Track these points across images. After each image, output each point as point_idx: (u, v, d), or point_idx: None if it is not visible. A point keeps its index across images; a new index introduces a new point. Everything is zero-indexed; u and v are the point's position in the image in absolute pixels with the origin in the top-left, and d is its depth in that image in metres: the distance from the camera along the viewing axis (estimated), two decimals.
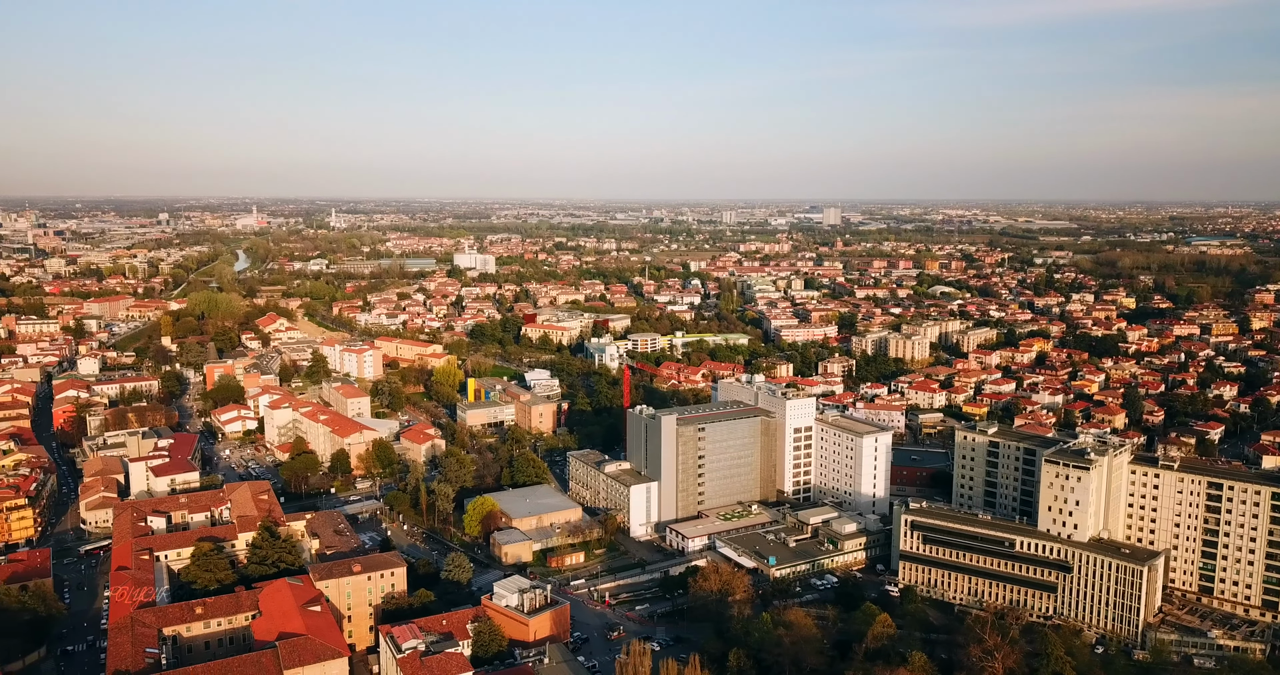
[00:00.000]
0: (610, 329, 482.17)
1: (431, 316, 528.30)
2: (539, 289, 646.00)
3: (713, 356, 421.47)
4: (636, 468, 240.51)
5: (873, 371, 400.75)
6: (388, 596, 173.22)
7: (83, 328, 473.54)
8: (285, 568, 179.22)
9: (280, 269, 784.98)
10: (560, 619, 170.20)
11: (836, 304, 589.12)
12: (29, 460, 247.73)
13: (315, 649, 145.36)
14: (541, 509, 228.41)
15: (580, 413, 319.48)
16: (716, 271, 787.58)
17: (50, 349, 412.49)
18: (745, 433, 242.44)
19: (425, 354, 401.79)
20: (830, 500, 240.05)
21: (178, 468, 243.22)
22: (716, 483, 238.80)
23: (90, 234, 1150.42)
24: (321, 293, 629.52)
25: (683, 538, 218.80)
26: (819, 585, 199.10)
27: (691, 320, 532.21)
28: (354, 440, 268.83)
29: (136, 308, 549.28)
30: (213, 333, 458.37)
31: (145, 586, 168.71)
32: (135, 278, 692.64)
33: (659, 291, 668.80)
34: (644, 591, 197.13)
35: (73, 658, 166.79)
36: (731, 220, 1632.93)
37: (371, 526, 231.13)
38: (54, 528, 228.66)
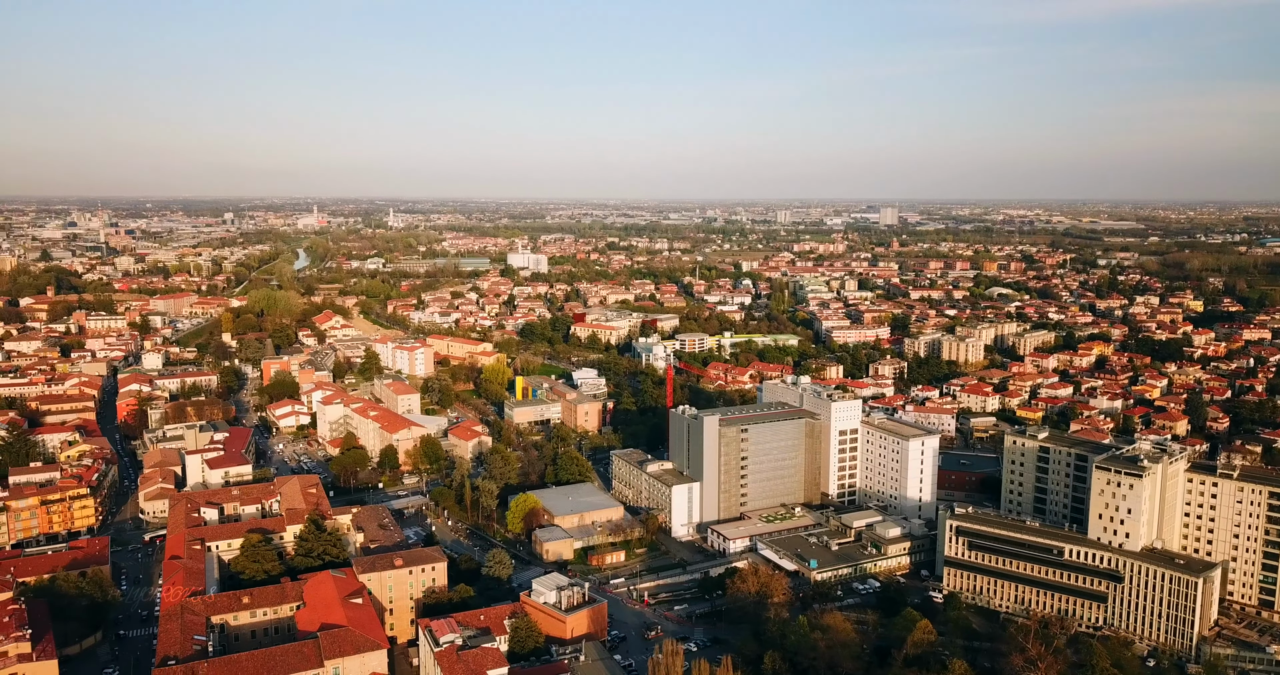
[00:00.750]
0: (658, 329, 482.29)
1: (484, 315, 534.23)
2: (589, 288, 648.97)
3: (761, 357, 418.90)
4: (679, 468, 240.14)
5: (924, 374, 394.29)
6: (428, 591, 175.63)
7: (148, 324, 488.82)
8: (330, 560, 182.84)
9: (338, 267, 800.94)
10: (597, 617, 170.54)
11: (890, 305, 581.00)
12: (92, 451, 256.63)
13: (355, 640, 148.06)
14: (583, 507, 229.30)
15: (625, 412, 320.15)
16: (769, 271, 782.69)
17: (117, 344, 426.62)
18: (789, 434, 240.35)
19: (475, 352, 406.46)
20: (875, 504, 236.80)
21: (231, 461, 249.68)
22: (759, 484, 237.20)
23: (159, 233, 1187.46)
24: (377, 291, 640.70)
25: (724, 539, 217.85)
26: (861, 590, 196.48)
27: (741, 321, 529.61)
28: (402, 436, 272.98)
29: (200, 304, 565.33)
30: (271, 329, 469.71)
31: (196, 576, 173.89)
32: (199, 275, 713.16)
33: (709, 291, 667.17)
34: (683, 592, 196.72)
35: (127, 643, 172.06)
36: (786, 220, 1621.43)
37: (417, 521, 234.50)
38: (114, 517, 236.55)
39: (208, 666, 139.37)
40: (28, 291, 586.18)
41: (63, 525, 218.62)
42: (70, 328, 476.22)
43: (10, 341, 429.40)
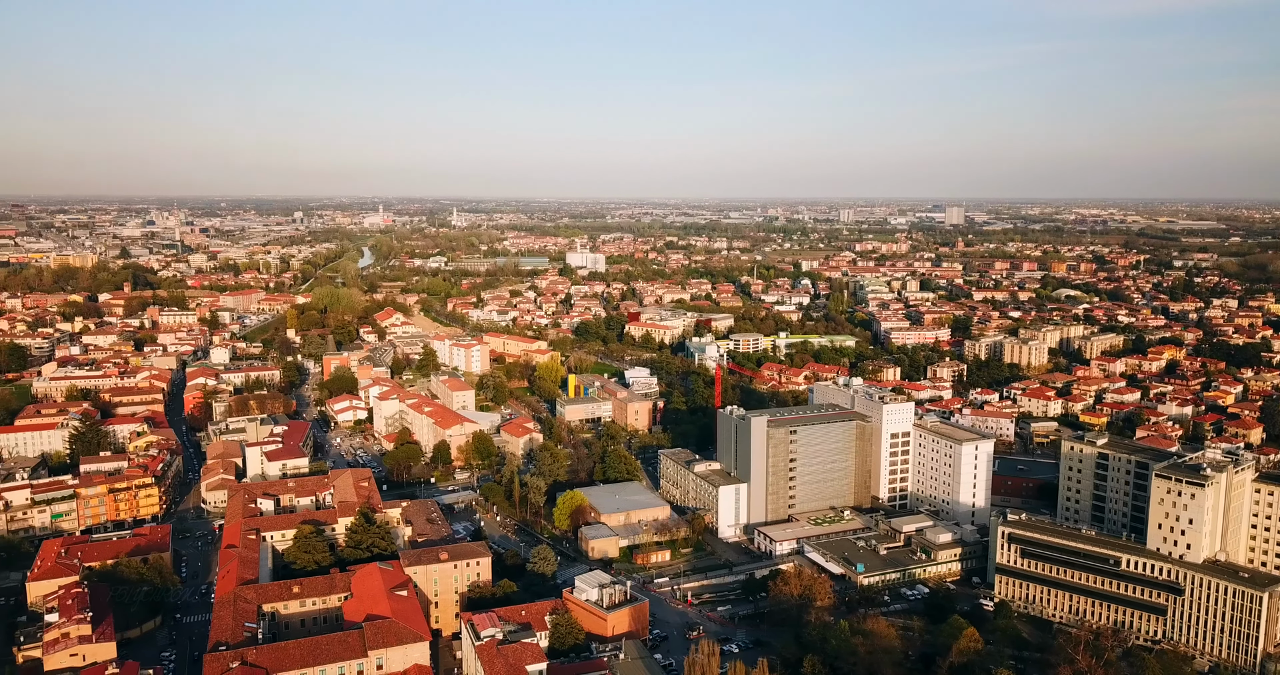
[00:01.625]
0: (713, 328, 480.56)
1: (540, 313, 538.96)
2: (645, 287, 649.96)
3: (817, 358, 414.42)
4: (726, 468, 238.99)
5: (984, 377, 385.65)
6: (472, 585, 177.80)
7: (217, 319, 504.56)
8: (378, 553, 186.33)
9: (401, 265, 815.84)
10: (639, 616, 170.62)
11: (951, 306, 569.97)
12: (159, 442, 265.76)
13: (398, 632, 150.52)
14: (630, 506, 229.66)
15: (675, 411, 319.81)
16: (828, 271, 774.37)
17: (187, 339, 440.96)
18: (839, 436, 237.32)
19: (530, 350, 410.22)
20: (927, 508, 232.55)
21: (289, 453, 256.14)
22: (808, 486, 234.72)
23: (231, 231, 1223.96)
24: (438, 289, 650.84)
25: (770, 540, 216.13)
26: (909, 595, 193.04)
27: (798, 321, 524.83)
28: (455, 432, 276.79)
29: (267, 301, 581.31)
30: (333, 326, 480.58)
31: (250, 565, 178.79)
32: (268, 273, 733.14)
33: (767, 291, 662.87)
34: (727, 593, 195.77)
35: (185, 628, 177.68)
36: (849, 219, 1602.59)
37: (466, 516, 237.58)
38: (178, 506, 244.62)
39: (256, 653, 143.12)
40: (106, 287, 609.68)
41: (129, 513, 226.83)
42: (144, 323, 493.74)
43: (88, 335, 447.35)
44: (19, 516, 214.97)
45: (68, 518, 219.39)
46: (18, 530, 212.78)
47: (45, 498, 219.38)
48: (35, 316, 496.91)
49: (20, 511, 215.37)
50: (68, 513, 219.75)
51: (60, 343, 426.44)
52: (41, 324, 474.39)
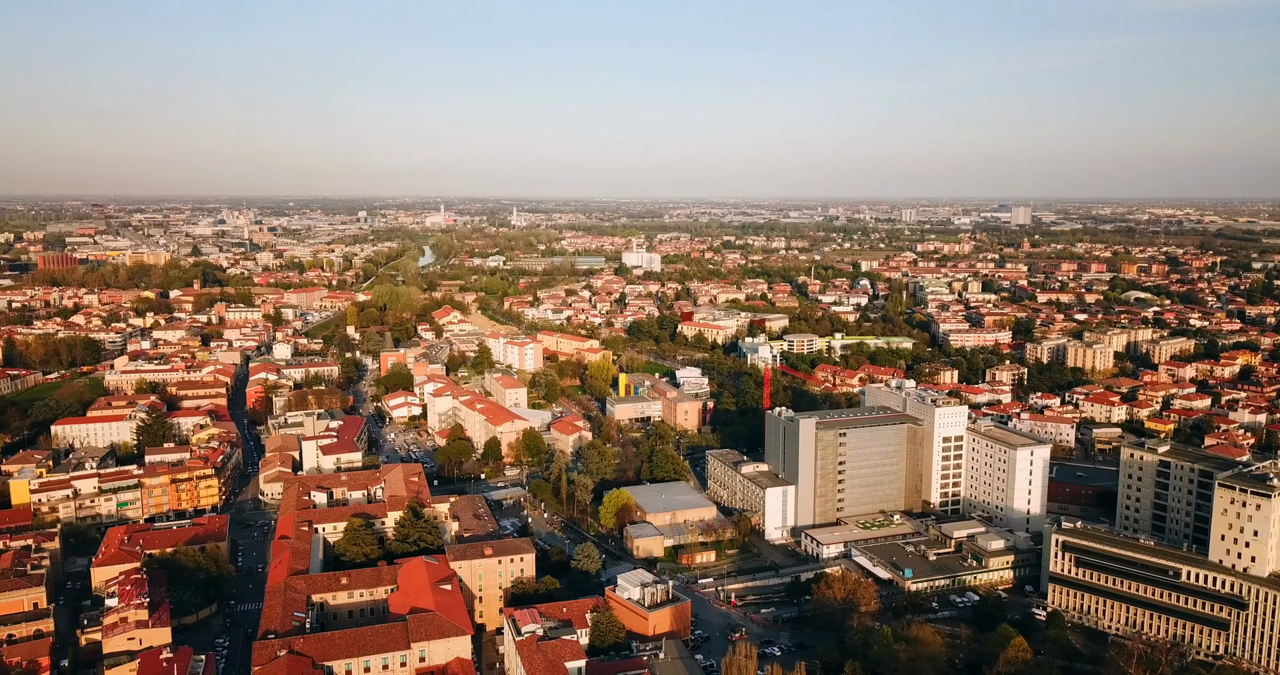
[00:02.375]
0: (767, 329, 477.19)
1: (595, 313, 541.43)
2: (700, 287, 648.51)
3: (872, 360, 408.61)
4: (774, 470, 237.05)
5: (1045, 381, 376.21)
6: (516, 581, 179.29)
7: (281, 316, 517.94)
8: (425, 547, 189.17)
9: (460, 264, 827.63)
10: (681, 615, 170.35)
11: (1014, 308, 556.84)
12: (220, 435, 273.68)
13: (441, 625, 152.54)
14: (676, 505, 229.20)
15: (725, 412, 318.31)
16: (888, 272, 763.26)
17: (251, 334, 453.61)
18: (889, 440, 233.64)
19: (582, 348, 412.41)
20: (979, 514, 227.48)
21: (344, 448, 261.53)
22: (857, 490, 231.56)
23: (298, 230, 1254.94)
24: (495, 288, 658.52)
25: (817, 543, 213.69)
26: (958, 602, 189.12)
27: (854, 322, 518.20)
28: (505, 429, 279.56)
29: (329, 298, 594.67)
30: (392, 323, 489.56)
31: (301, 555, 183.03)
32: (331, 271, 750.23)
33: (824, 291, 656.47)
34: (771, 595, 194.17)
35: (239, 615, 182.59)
36: (911, 219, 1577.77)
37: (514, 513, 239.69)
38: (236, 497, 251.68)
39: (303, 642, 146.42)
40: (177, 284, 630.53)
41: (190, 503, 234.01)
42: (211, 318, 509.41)
43: (158, 330, 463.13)
44: (87, 504, 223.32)
45: (132, 506, 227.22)
46: (86, 518, 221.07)
47: (112, 487, 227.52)
48: (110, 312, 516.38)
49: (88, 500, 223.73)
50: (132, 501, 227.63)
51: (132, 337, 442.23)
52: (115, 319, 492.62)
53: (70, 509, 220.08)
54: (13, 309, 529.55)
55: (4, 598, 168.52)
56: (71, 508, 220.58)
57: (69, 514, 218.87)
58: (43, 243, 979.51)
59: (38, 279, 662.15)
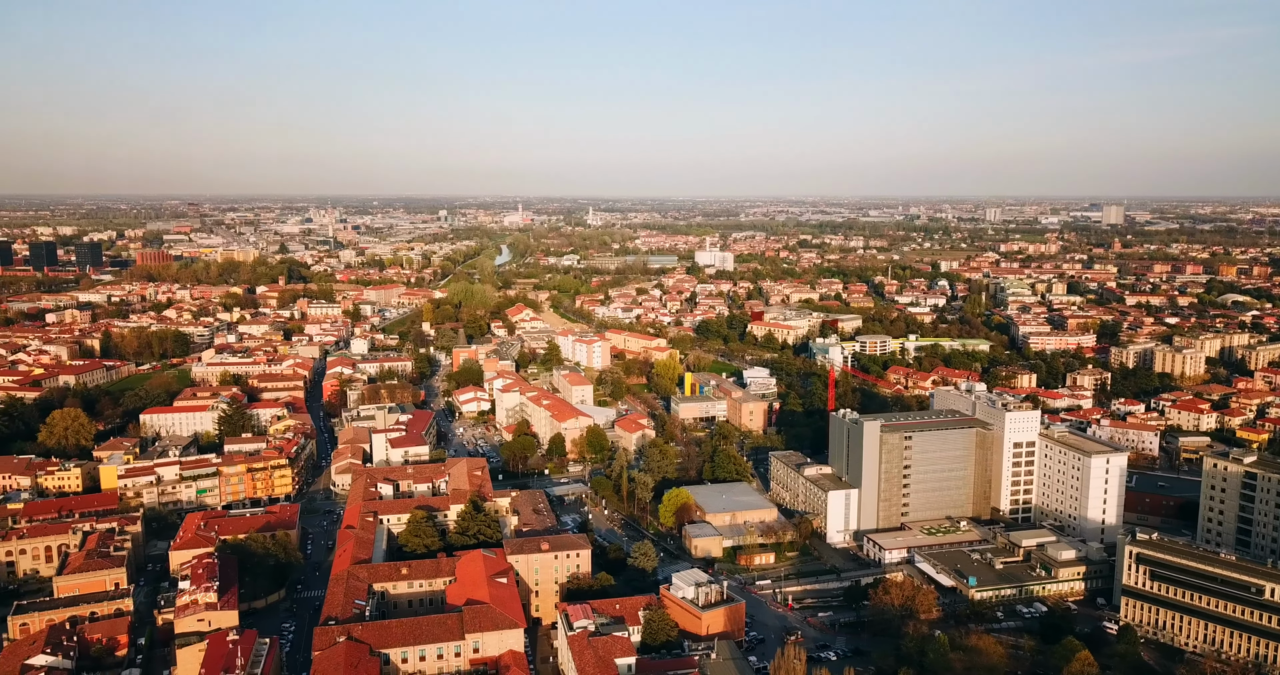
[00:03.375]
0: (839, 329, 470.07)
1: (665, 311, 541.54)
2: (772, 287, 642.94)
3: (947, 363, 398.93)
4: (837, 473, 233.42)
5: (1130, 387, 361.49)
6: (572, 576, 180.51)
7: (359, 312, 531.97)
8: (484, 540, 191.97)
9: (535, 263, 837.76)
10: (735, 616, 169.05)
11: (1099, 311, 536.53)
12: (296, 426, 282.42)
13: (494, 617, 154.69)
14: (736, 506, 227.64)
15: (791, 413, 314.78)
16: (968, 272, 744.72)
17: (331, 329, 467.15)
18: (957, 444, 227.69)
19: (650, 347, 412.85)
20: (1050, 523, 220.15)
21: (411, 441, 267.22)
22: (923, 494, 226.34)
23: (380, 229, 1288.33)
24: (568, 286, 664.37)
25: (880, 548, 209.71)
26: (1025, 613, 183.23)
27: (930, 323, 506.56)
28: (570, 425, 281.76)
29: (407, 295, 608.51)
30: (466, 320, 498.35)
31: (365, 545, 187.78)
32: (410, 268, 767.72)
33: (901, 292, 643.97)
34: (830, 599, 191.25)
35: (305, 601, 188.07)
36: (995, 218, 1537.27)
37: (575, 509, 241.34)
38: (309, 487, 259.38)
39: (362, 629, 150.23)
40: (264, 280, 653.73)
41: (265, 491, 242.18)
42: (294, 314, 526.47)
43: (243, 324, 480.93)
44: (169, 490, 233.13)
45: (211, 493, 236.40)
46: (167, 503, 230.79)
47: (192, 474, 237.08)
48: (200, 306, 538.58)
49: (170, 486, 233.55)
50: (211, 489, 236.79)
51: (219, 331, 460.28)
52: (205, 314, 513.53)
53: (153, 494, 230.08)
54: (111, 303, 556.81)
55: (88, 577, 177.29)
56: (155, 493, 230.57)
57: (152, 499, 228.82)
58: (142, 240, 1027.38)
59: (135, 275, 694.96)
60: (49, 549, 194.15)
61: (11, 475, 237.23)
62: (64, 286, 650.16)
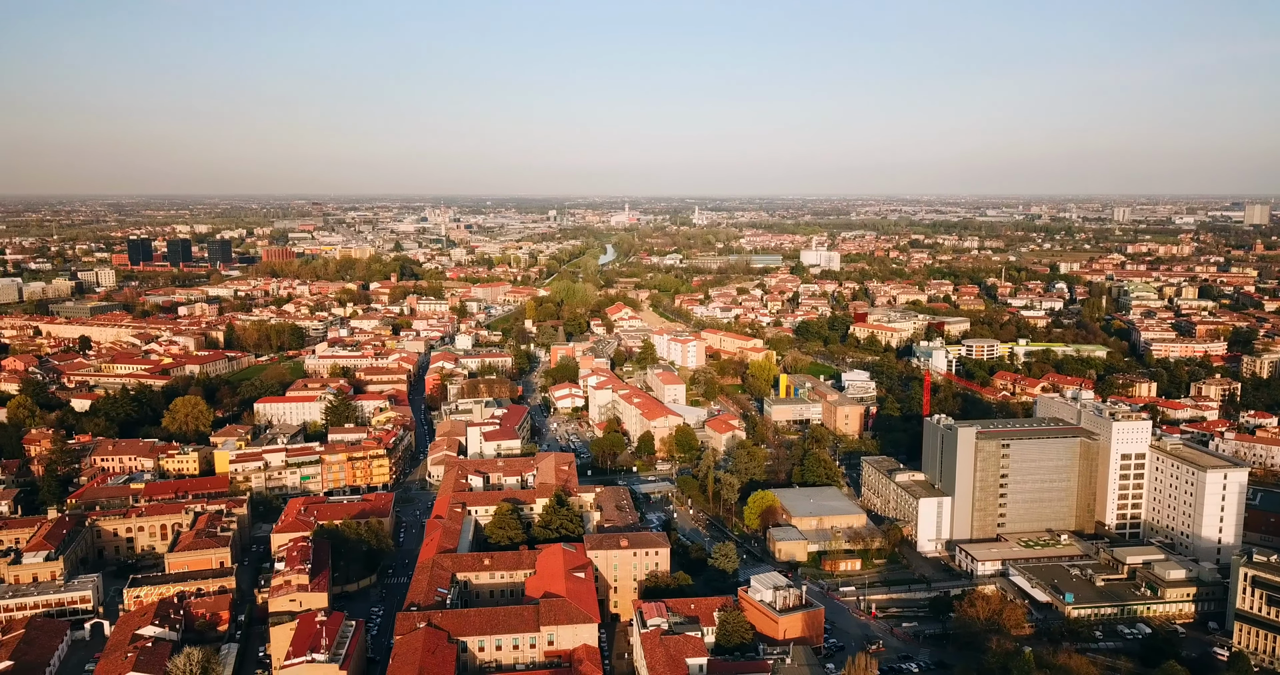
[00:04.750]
0: (945, 332, 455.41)
1: (765, 312, 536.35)
2: (879, 288, 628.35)
3: (1059, 369, 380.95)
4: (930, 480, 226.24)
5: (1262, 398, 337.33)
6: (650, 574, 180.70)
7: (466, 308, 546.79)
8: (566, 534, 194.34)
9: (638, 262, 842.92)
10: (813, 622, 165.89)
11: (1233, 317, 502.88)
12: (396, 418, 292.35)
13: (570, 611, 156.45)
14: (824, 510, 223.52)
15: (888, 417, 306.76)
16: (1089, 275, 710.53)
17: (437, 325, 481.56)
18: (1059, 454, 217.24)
19: (746, 347, 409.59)
20: (1160, 540, 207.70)
21: (504, 435, 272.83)
22: (1021, 505, 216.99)
23: (491, 228, 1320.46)
24: (669, 285, 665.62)
25: (972, 559, 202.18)
26: (1126, 634, 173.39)
27: (1043, 327, 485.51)
28: (659, 424, 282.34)
29: (512, 293, 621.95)
30: (566, 318, 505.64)
31: (452, 535, 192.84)
32: (517, 267, 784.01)
33: (1014, 295, 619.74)
34: (916, 609, 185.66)
35: (394, 587, 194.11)
36: (1124, 218, 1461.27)
37: (661, 507, 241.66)
38: (406, 477, 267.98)
39: (442, 616, 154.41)
40: (378, 277, 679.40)
41: (363, 480, 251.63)
42: (404, 310, 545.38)
43: (356, 319, 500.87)
44: (275, 476, 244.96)
45: (313, 480, 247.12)
46: (274, 488, 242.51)
47: (297, 461, 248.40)
48: (317, 301, 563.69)
49: (276, 472, 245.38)
50: (314, 476, 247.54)
51: (332, 325, 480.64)
52: (320, 308, 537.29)
53: (261, 479, 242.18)
54: (237, 297, 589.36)
55: (196, 555, 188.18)
56: (262, 478, 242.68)
57: (260, 484, 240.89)
58: (268, 238, 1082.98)
59: (260, 270, 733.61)
60: (164, 527, 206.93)
61: (136, 457, 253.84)
62: (196, 281, 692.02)
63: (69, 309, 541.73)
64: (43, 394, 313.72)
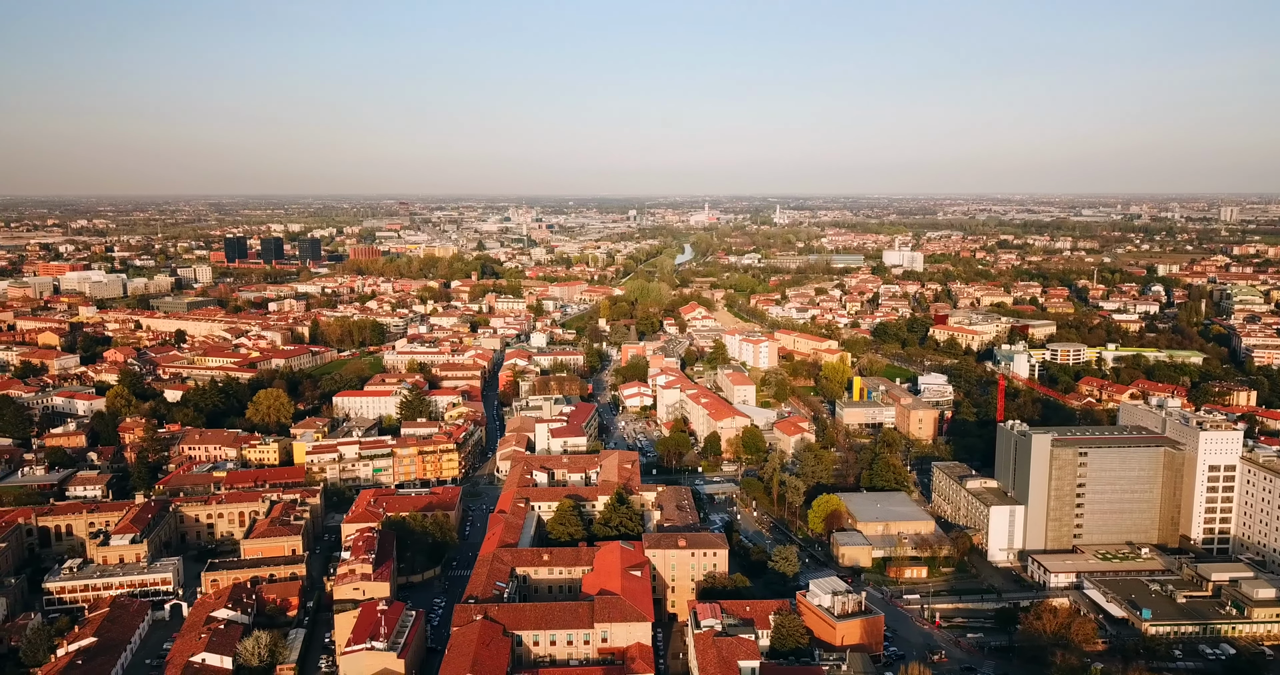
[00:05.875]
0: (1029, 335, 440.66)
1: (842, 312, 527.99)
2: (962, 289, 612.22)
3: (1149, 375, 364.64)
4: (1003, 487, 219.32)
5: None
6: (708, 575, 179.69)
7: (542, 307, 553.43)
8: (625, 532, 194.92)
9: (715, 262, 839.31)
10: (872, 629, 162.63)
11: None
12: (467, 414, 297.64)
13: (624, 609, 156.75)
14: (891, 516, 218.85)
15: (963, 422, 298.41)
16: (1190, 277, 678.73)
17: (513, 323, 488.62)
18: (1141, 464, 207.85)
19: (820, 349, 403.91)
20: (1250, 557, 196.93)
21: (570, 432, 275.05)
22: (1099, 516, 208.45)
23: (572, 228, 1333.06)
24: (745, 285, 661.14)
25: (1045, 570, 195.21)
26: (1208, 654, 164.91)
27: (1136, 332, 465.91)
28: (726, 425, 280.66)
29: (588, 292, 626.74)
30: (640, 317, 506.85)
31: (513, 530, 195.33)
32: (594, 266, 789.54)
33: (1106, 297, 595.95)
34: (982, 620, 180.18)
35: (457, 580, 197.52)
36: (1231, 218, 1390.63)
37: (724, 508, 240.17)
38: (475, 471, 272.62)
39: (498, 610, 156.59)
40: (459, 275, 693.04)
41: (433, 473, 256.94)
42: (482, 308, 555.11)
43: (435, 316, 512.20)
44: (349, 468, 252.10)
45: (385, 472, 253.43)
46: (347, 479, 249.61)
47: (370, 454, 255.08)
48: (399, 299, 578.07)
49: (350, 464, 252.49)
50: (385, 468, 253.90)
51: (412, 322, 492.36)
52: (402, 305, 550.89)
53: (335, 471, 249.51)
54: (324, 294, 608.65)
55: (270, 542, 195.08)
56: (336, 470, 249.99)
57: (334, 475, 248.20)
58: (357, 236, 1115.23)
59: (347, 268, 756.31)
60: (241, 515, 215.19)
61: (221, 446, 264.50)
62: (286, 278, 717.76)
63: (167, 304, 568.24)
64: (139, 385, 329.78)
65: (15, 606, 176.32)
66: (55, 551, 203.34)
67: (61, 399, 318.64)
